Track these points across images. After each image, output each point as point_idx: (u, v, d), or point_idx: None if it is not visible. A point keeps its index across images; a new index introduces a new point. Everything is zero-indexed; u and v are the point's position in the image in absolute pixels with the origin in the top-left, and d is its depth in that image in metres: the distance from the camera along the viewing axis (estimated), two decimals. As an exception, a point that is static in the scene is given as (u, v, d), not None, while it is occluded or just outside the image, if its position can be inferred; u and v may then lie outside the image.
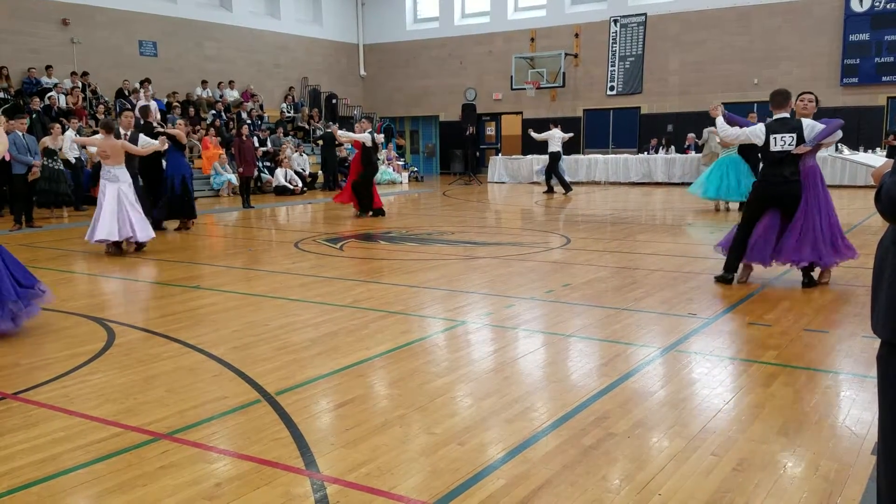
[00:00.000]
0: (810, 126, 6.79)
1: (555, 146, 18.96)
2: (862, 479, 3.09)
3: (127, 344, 5.34)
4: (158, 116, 16.93)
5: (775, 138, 6.81)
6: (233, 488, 3.12)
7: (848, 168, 18.82)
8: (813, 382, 4.38)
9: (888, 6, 20.09)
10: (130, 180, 9.56)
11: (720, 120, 7.49)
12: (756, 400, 4.09)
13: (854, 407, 3.95)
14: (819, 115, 7.21)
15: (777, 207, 6.99)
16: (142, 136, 10.54)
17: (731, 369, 4.65)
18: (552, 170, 19.17)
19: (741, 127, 7.39)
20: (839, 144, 8.79)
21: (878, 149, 19.18)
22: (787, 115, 6.90)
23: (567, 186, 19.07)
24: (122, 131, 10.28)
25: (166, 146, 10.83)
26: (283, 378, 4.55)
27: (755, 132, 6.97)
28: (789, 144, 6.76)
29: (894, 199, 1.90)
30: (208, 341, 5.42)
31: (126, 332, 5.67)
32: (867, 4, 20.35)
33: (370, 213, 13.94)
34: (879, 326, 2.10)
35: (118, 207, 9.23)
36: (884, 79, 20.40)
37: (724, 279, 7.20)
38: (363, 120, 15.74)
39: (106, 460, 3.39)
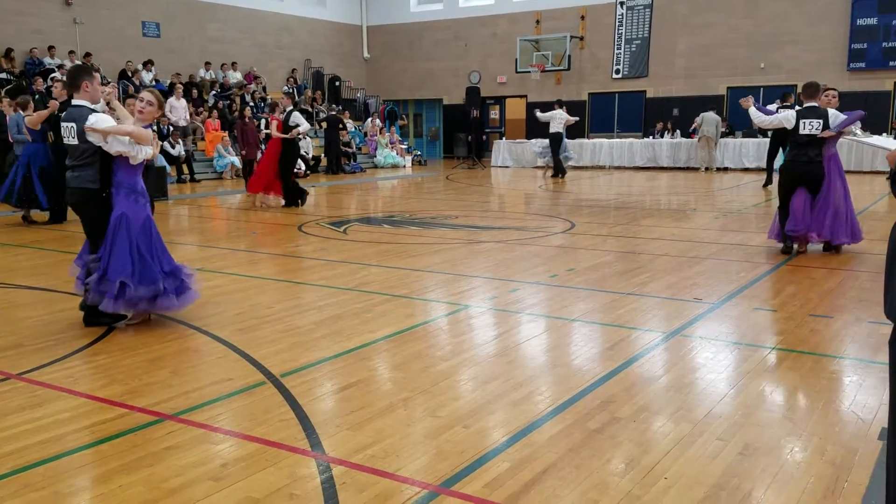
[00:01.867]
0: (835, 115, 7.71)
1: (556, 127, 18.76)
2: (868, 465, 3.08)
3: (131, 326, 5.33)
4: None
5: (804, 123, 7.70)
6: (238, 469, 3.12)
7: (854, 153, 18.73)
8: (818, 367, 4.36)
9: (897, -10, 19.93)
10: None
11: (753, 110, 8.31)
12: (761, 385, 4.08)
13: (860, 392, 3.94)
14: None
15: (804, 185, 7.81)
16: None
17: (736, 354, 4.64)
18: (554, 150, 19.02)
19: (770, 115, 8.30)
20: (853, 128, 9.30)
21: (884, 133, 19.09)
22: (816, 104, 7.76)
23: (563, 170, 18.93)
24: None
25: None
26: (288, 360, 4.55)
27: (787, 117, 7.85)
28: (816, 129, 7.65)
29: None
30: (213, 323, 5.42)
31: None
32: (876, -12, 20.18)
33: (300, 202, 12.76)
34: (893, 311, 2.08)
35: None
36: (891, 63, 20.28)
37: (787, 248, 7.99)
38: (284, 98, 14.38)
39: (111, 441, 3.39)
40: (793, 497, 2.85)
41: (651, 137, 22.43)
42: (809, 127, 7.66)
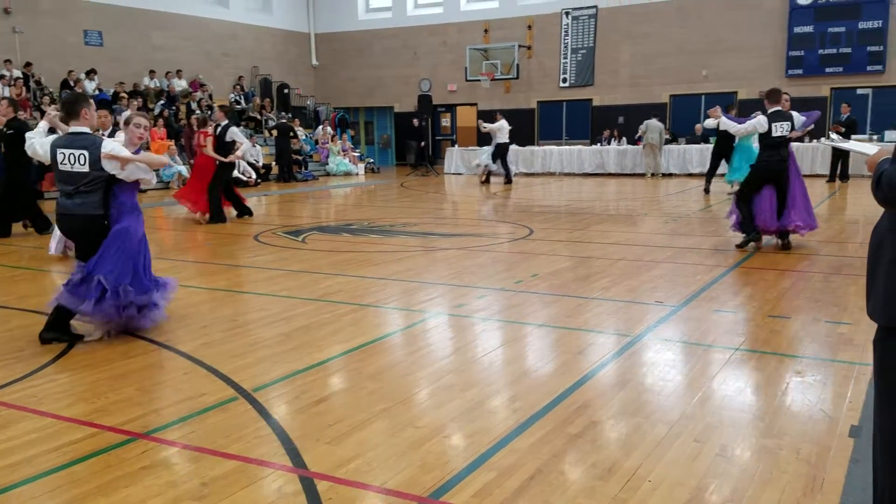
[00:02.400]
0: (796, 117, 8.44)
1: (503, 137, 19.22)
2: (842, 462, 3.18)
3: (91, 342, 5.18)
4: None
5: (776, 126, 8.28)
6: (220, 487, 3.06)
7: (804, 156, 19.29)
8: (783, 367, 4.48)
9: (831, -1, 20.67)
10: None
11: (724, 119, 8.83)
12: (730, 386, 4.18)
13: (825, 390, 4.06)
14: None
15: (773, 183, 8.43)
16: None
17: (702, 356, 4.73)
18: (503, 159, 19.40)
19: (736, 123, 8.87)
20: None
21: (823, 139, 19.73)
22: (780, 108, 8.34)
23: (509, 179, 19.53)
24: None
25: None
26: (259, 374, 4.48)
27: (760, 122, 8.35)
28: (786, 131, 8.32)
29: (895, 187, 1.95)
30: (176, 338, 5.30)
31: (88, 330, 5.50)
32: (811, -3, 20.91)
33: (244, 214, 12.42)
34: (878, 312, 2.15)
35: None
36: (827, 70, 20.99)
37: (749, 240, 8.51)
38: (217, 111, 13.32)
39: (84, 462, 3.29)
40: (774, 496, 2.92)
41: (599, 144, 22.79)
42: (781, 129, 8.26)
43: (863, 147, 2.34)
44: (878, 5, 20.13)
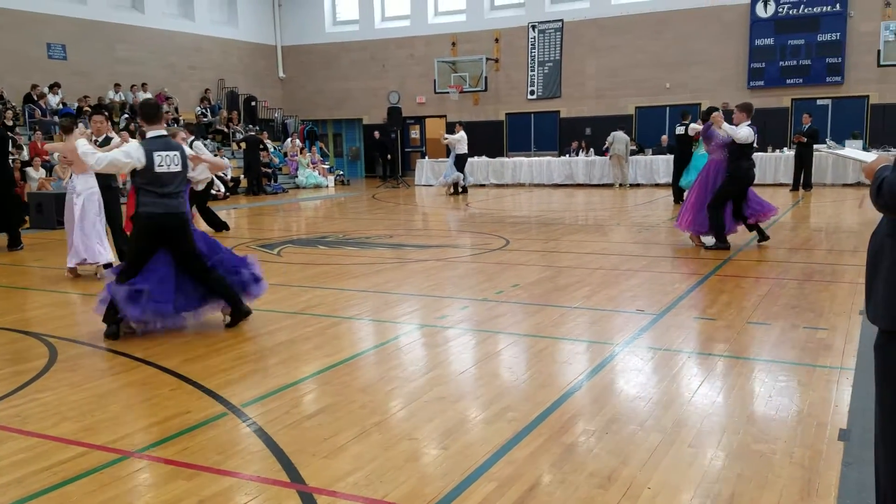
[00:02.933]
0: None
1: (463, 148, 19.58)
2: (835, 465, 3.24)
3: (71, 360, 5.08)
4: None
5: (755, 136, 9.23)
6: (219, 505, 3.01)
7: (758, 166, 19.70)
8: (767, 373, 4.56)
9: (791, 12, 21.16)
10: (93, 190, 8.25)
11: (727, 126, 9.11)
12: (718, 392, 4.24)
13: (811, 395, 4.14)
14: (729, 116, 9.44)
15: (743, 188, 9.17)
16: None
17: (688, 363, 4.79)
18: (461, 169, 19.81)
19: (712, 136, 9.44)
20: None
21: (785, 148, 20.19)
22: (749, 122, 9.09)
23: (465, 188, 20.02)
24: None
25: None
26: (247, 389, 4.43)
27: (750, 133, 8.97)
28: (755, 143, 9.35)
29: (896, 194, 2.01)
30: (157, 354, 5.22)
31: (68, 348, 5.40)
32: (771, 10, 21.38)
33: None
34: (879, 316, 2.20)
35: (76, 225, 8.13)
36: (788, 81, 21.47)
37: (723, 246, 9.09)
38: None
39: (76, 481, 3.22)
40: (772, 500, 2.97)
41: (567, 156, 23.00)
42: (755, 137, 9.15)
43: (860, 154, 2.40)
44: (836, 18, 20.67)
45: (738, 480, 3.13)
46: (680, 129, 15.34)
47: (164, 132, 5.63)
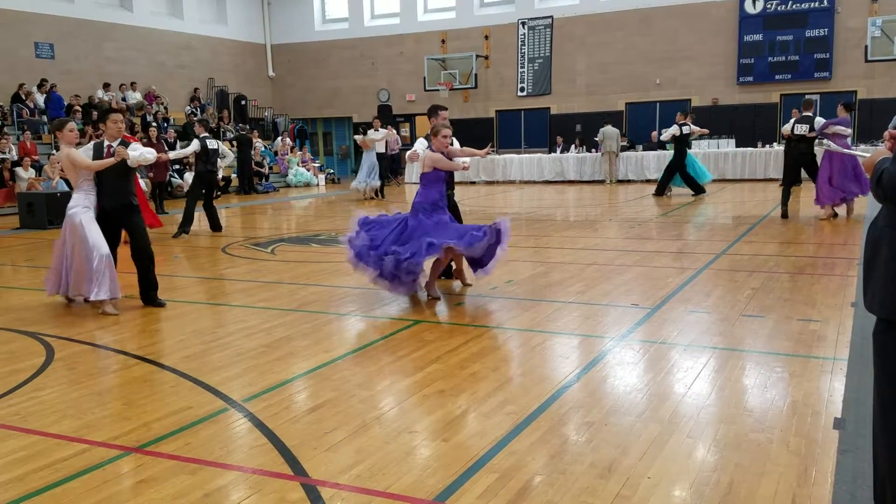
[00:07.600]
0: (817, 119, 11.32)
1: (382, 147, 18.65)
2: (831, 453, 3.29)
3: (69, 358, 5.09)
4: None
5: (798, 126, 11.32)
6: (222, 498, 3.03)
7: (748, 162, 19.84)
8: (762, 364, 4.61)
9: (779, 8, 21.28)
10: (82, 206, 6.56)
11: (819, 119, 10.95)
12: (714, 384, 4.28)
13: (805, 385, 4.19)
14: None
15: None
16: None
17: (684, 355, 4.84)
18: (385, 172, 18.97)
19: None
20: (825, 137, 11.28)
21: (775, 143, 20.29)
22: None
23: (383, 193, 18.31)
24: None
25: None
26: (247, 385, 4.44)
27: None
28: (805, 131, 11.22)
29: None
30: (156, 351, 5.23)
31: (64, 346, 5.39)
32: (760, 6, 21.49)
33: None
34: (876, 305, 2.24)
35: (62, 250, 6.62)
36: (777, 77, 21.58)
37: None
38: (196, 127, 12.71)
39: (79, 478, 3.23)
40: (770, 487, 3.01)
41: (557, 152, 23.05)
42: (801, 129, 10.99)
43: (858, 150, 2.44)
44: (824, 14, 20.81)
45: (736, 469, 3.17)
46: (681, 130, 15.40)
47: None
